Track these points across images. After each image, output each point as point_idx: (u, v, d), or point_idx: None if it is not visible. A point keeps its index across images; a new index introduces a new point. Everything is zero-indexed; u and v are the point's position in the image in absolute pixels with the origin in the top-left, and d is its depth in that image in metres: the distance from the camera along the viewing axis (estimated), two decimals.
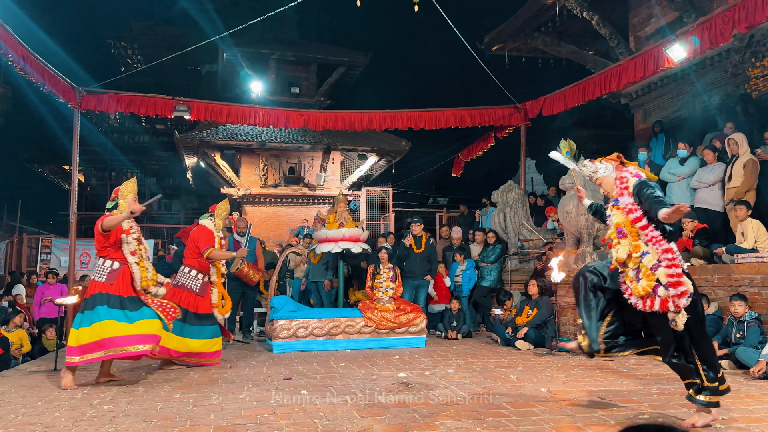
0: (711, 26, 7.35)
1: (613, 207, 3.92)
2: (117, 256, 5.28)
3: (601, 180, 4.03)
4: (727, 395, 4.46)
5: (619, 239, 3.84)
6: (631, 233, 3.77)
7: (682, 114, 11.74)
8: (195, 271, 6.40)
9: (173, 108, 10.16)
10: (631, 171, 3.91)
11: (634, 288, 3.71)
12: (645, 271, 3.66)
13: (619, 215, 3.86)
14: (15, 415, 4.12)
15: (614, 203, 3.91)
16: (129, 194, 5.38)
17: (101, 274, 5.23)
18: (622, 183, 3.88)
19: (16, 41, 7.30)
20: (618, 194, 3.89)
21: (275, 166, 20.57)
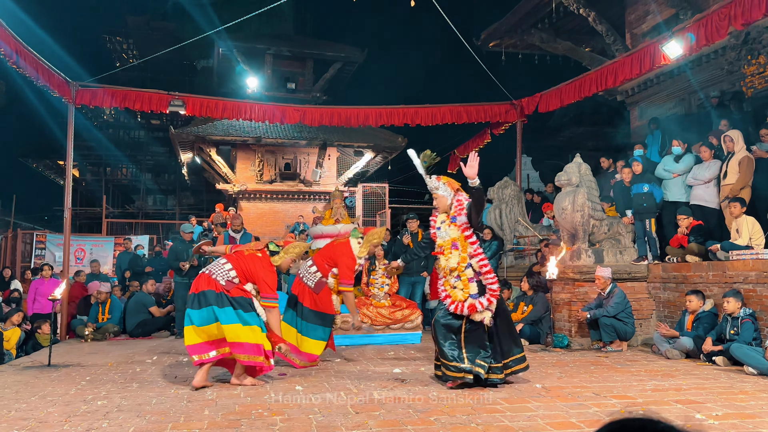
0: (707, 23, 7.35)
1: (450, 224, 4.79)
2: None
3: (438, 197, 4.89)
4: (724, 392, 4.49)
5: (452, 250, 4.76)
6: (463, 247, 4.72)
7: (678, 111, 11.75)
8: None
9: (168, 103, 10.10)
10: (465, 197, 4.83)
11: (453, 295, 4.72)
12: (464, 280, 4.70)
13: (455, 231, 4.76)
14: (8, 410, 4.10)
15: (452, 220, 4.80)
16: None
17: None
18: (459, 205, 4.79)
19: (10, 35, 7.24)
20: (456, 213, 4.78)
21: (271, 162, 20.52)
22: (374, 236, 6.31)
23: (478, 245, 4.74)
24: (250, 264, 5.03)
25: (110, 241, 17.49)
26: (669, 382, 4.91)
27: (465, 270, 4.72)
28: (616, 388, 4.71)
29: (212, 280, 4.86)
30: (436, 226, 4.91)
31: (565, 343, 7.13)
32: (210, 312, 4.73)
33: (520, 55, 15.04)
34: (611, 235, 7.94)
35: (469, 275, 4.71)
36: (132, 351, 7.32)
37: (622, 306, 6.84)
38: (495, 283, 4.71)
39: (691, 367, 5.72)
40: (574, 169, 7.79)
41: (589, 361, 6.15)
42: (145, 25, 30.15)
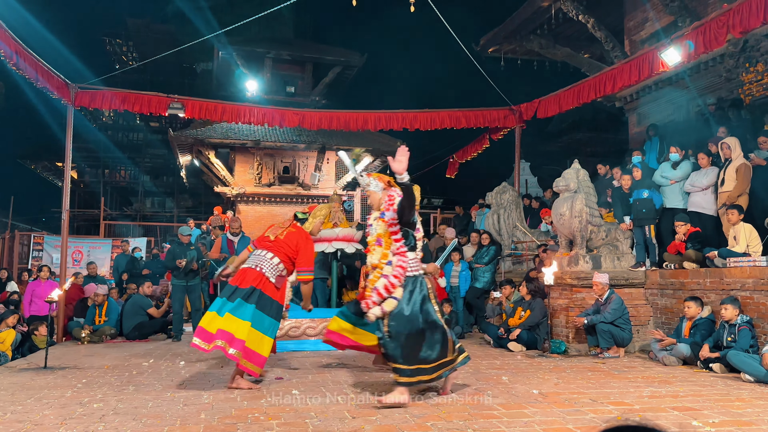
0: (705, 30, 7.38)
1: (379, 219, 4.60)
2: None
3: (371, 193, 4.74)
4: (720, 399, 4.49)
5: (375, 246, 4.59)
6: (387, 244, 4.52)
7: (676, 118, 11.79)
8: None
9: (167, 105, 10.10)
10: (397, 192, 4.57)
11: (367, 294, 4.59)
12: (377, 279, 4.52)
13: (382, 227, 4.56)
14: (3, 412, 4.09)
15: (381, 216, 4.60)
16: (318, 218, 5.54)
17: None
18: (390, 200, 4.59)
19: (10, 36, 7.25)
20: (385, 209, 4.58)
21: (270, 165, 20.51)
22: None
23: (403, 243, 4.52)
24: (291, 242, 5.11)
25: (108, 243, 17.48)
26: (666, 389, 4.91)
27: (385, 267, 4.52)
28: (613, 394, 4.71)
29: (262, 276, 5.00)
30: (369, 223, 4.78)
31: (562, 348, 7.12)
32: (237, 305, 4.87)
33: (519, 61, 15.10)
34: (609, 241, 7.94)
35: (387, 272, 4.50)
36: (128, 354, 7.30)
37: (619, 312, 6.85)
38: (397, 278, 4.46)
39: (688, 374, 5.72)
40: (572, 174, 7.80)
41: (586, 367, 6.15)
42: (145, 27, 30.19)
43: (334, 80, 22.88)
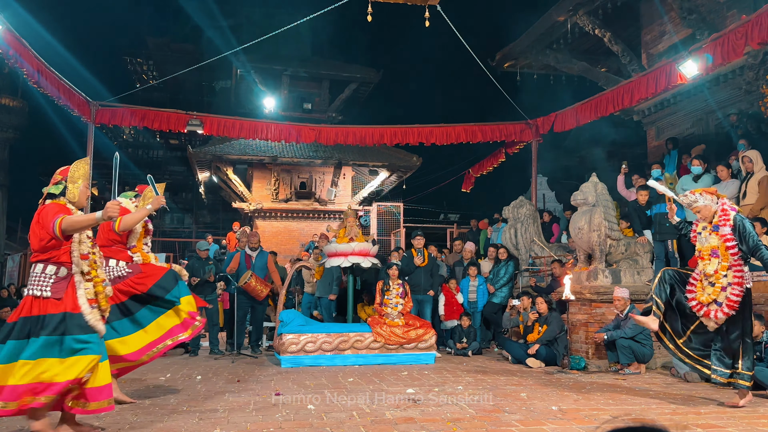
0: (724, 42, 7.32)
1: (712, 232, 4.85)
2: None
3: (701, 208, 4.92)
4: (745, 417, 4.38)
5: (711, 258, 4.82)
6: (724, 257, 4.76)
7: (695, 131, 11.66)
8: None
9: (186, 122, 10.25)
10: (728, 203, 4.88)
11: (699, 294, 4.82)
12: (717, 288, 4.74)
13: (716, 240, 4.81)
14: (20, 426, 4.10)
15: (714, 229, 4.85)
16: (80, 179, 4.10)
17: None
18: (724, 213, 4.81)
19: (33, 55, 7.42)
20: (720, 223, 4.81)
21: (287, 180, 20.66)
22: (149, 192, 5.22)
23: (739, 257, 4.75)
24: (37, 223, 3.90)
25: None
26: (689, 406, 4.79)
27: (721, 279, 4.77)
28: (635, 411, 4.60)
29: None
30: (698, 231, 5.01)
31: (582, 365, 7.01)
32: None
33: (535, 75, 15.08)
34: (629, 255, 7.83)
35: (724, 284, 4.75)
36: (145, 368, 7.30)
37: (640, 328, 6.72)
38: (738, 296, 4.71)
39: (711, 390, 5.59)
40: (590, 188, 7.73)
41: (606, 383, 6.04)
42: (165, 46, 30.72)
43: (350, 96, 23.05)
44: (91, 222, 3.86)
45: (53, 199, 3.97)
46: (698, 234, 4.97)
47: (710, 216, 4.88)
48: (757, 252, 4.62)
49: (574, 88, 14.85)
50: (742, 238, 4.68)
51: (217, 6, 27.81)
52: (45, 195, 4.01)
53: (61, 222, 3.73)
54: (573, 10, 12.47)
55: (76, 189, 4.03)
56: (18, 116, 25.90)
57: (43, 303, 3.73)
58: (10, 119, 25.54)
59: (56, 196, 3.98)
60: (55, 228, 3.73)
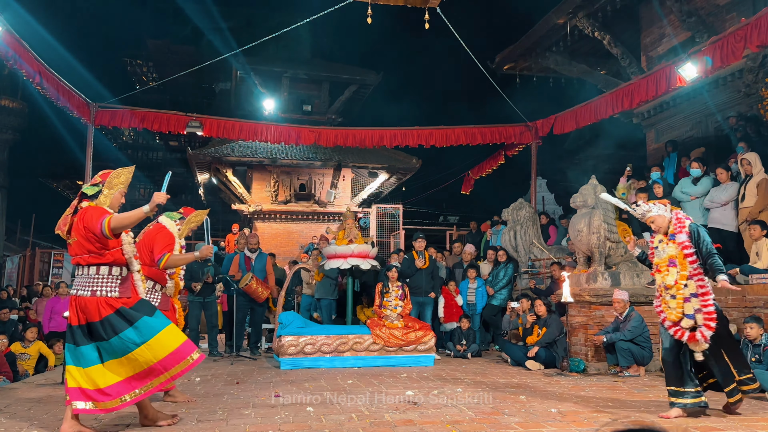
0: (723, 45, 7.33)
1: (669, 241, 4.68)
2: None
3: (655, 218, 4.76)
4: (745, 419, 4.38)
5: (669, 268, 4.65)
6: (682, 265, 4.57)
7: (694, 134, 11.68)
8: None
9: (186, 124, 10.25)
10: (681, 212, 4.76)
11: (668, 313, 4.61)
12: (679, 300, 4.56)
13: (673, 248, 4.63)
14: (20, 427, 4.10)
15: (671, 238, 4.68)
16: (118, 186, 4.15)
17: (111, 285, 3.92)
18: (679, 222, 4.67)
19: (33, 56, 7.42)
20: (676, 231, 4.66)
21: (286, 182, 20.65)
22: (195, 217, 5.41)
23: (698, 265, 4.55)
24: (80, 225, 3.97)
25: None
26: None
27: (682, 289, 4.57)
28: (634, 413, 4.60)
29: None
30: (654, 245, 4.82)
31: (581, 367, 7.01)
32: None
33: (535, 78, 15.10)
34: (628, 258, 7.83)
35: (686, 294, 4.57)
36: None
37: (639, 330, 6.73)
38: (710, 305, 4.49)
39: (711, 393, 5.57)
40: (589, 190, 7.73)
41: (605, 385, 6.04)
42: (165, 48, 30.76)
43: (350, 98, 23.06)
44: (139, 216, 3.92)
45: (86, 199, 4.03)
46: (655, 248, 4.78)
47: (665, 226, 4.72)
48: (709, 258, 4.47)
49: (573, 91, 14.88)
50: (697, 245, 4.54)
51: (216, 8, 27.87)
52: (80, 193, 4.08)
53: (110, 221, 3.79)
54: (573, 12, 12.49)
55: (110, 195, 4.07)
56: (18, 117, 25.89)
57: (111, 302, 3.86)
58: (9, 120, 25.53)
59: (90, 197, 4.03)
60: (103, 228, 3.77)
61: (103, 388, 3.81)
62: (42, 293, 11.53)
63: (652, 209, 4.76)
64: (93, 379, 3.83)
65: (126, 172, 4.16)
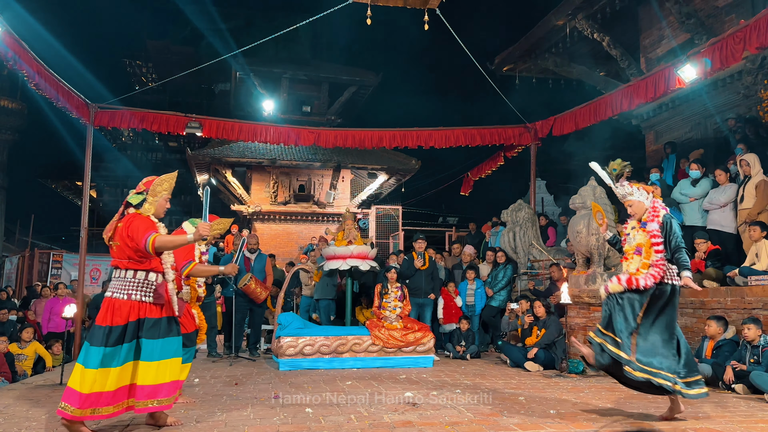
0: (722, 47, 7.33)
1: (640, 229, 4.59)
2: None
3: (634, 203, 4.66)
4: (744, 420, 4.38)
5: (634, 255, 4.56)
6: (647, 254, 4.47)
7: (693, 135, 11.69)
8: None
9: (185, 125, 10.23)
10: (659, 202, 4.63)
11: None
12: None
13: (642, 237, 4.54)
14: (18, 428, 4.10)
15: (642, 225, 4.58)
16: (162, 193, 4.17)
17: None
18: (654, 211, 4.57)
19: (32, 57, 7.41)
20: (648, 219, 4.56)
21: (285, 183, 20.66)
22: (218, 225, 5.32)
23: (663, 256, 4.42)
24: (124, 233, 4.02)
25: None
26: (687, 410, 4.78)
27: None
28: (633, 415, 4.60)
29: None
30: (626, 232, 4.74)
31: (580, 368, 7.01)
32: None
33: (534, 79, 15.11)
34: None
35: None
36: None
37: None
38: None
39: (710, 394, 5.58)
40: (588, 192, 7.74)
41: (604, 387, 6.04)
42: (165, 49, 30.76)
43: (349, 99, 23.08)
44: (183, 243, 4.05)
45: (130, 207, 4.08)
46: (627, 235, 4.71)
47: (641, 213, 4.61)
48: (677, 252, 4.34)
49: (572, 92, 14.89)
50: (667, 237, 4.42)
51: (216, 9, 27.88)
52: (125, 203, 4.13)
53: (155, 241, 3.87)
54: (572, 14, 12.50)
55: (155, 203, 4.12)
56: (17, 118, 25.89)
57: (143, 307, 3.97)
58: (9, 121, 25.53)
59: (135, 206, 4.09)
60: (147, 246, 3.86)
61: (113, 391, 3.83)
62: (41, 294, 11.51)
63: (635, 193, 4.66)
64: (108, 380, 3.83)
65: (169, 179, 4.22)
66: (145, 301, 3.97)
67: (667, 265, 4.40)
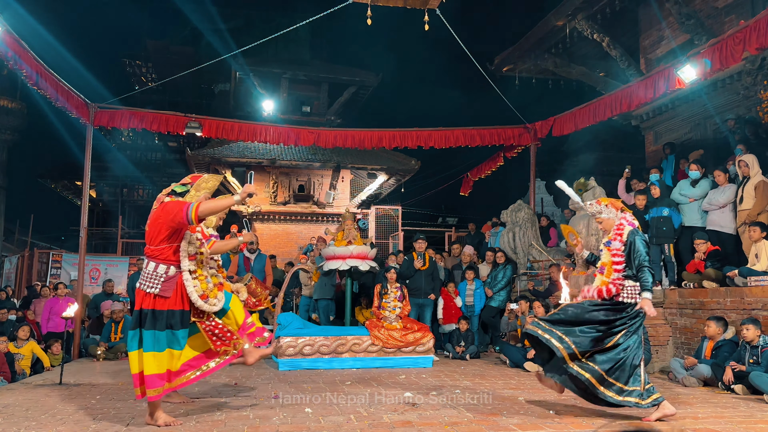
0: (722, 47, 7.33)
1: (605, 247, 4.66)
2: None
3: (603, 220, 4.72)
4: (744, 421, 4.38)
5: (597, 274, 4.68)
6: (608, 273, 4.54)
7: (693, 136, 11.69)
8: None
9: (185, 125, 10.22)
10: (627, 218, 4.62)
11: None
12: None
13: (606, 255, 4.61)
14: (18, 428, 4.10)
15: (606, 244, 4.64)
16: (204, 191, 4.36)
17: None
18: (618, 229, 4.59)
19: (32, 57, 7.41)
20: (612, 238, 4.59)
21: (285, 183, 20.66)
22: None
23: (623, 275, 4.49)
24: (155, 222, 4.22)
25: (125, 261, 17.59)
26: (686, 411, 4.79)
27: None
28: (632, 415, 4.60)
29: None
30: (600, 248, 4.81)
31: None
32: None
33: (534, 80, 15.11)
34: None
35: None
36: None
37: None
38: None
39: (709, 395, 5.59)
40: (588, 193, 7.74)
41: None
42: (165, 49, 30.73)
43: (349, 100, 23.08)
44: (229, 204, 4.15)
45: (172, 195, 4.27)
46: (600, 251, 4.77)
47: (611, 229, 4.67)
48: (639, 271, 4.37)
49: (572, 93, 14.91)
50: (630, 255, 4.44)
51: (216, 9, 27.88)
52: (170, 189, 4.33)
53: (198, 206, 3.93)
54: (572, 14, 12.51)
55: (196, 197, 4.27)
56: (17, 118, 25.88)
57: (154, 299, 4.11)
58: (8, 121, 25.52)
59: (178, 194, 4.28)
60: (190, 213, 3.91)
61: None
62: (40, 293, 11.51)
63: (603, 211, 4.71)
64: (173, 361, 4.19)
65: (214, 179, 4.43)
66: (150, 292, 4.10)
67: (625, 283, 4.44)
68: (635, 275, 4.41)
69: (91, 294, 12.20)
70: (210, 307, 4.31)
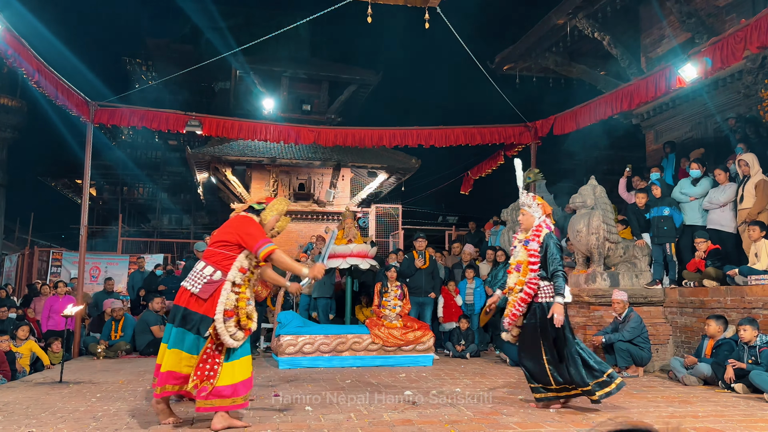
0: (723, 46, 7.32)
1: (522, 246, 4.83)
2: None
3: (527, 215, 4.86)
4: (744, 420, 4.38)
5: (514, 271, 4.87)
6: (524, 272, 4.75)
7: (694, 135, 11.68)
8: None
9: (185, 123, 10.21)
10: (547, 222, 4.81)
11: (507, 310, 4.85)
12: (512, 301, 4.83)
13: (523, 254, 4.79)
14: (18, 425, 4.10)
15: (524, 243, 4.81)
16: (276, 212, 4.52)
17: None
18: (537, 230, 4.77)
19: (32, 55, 7.40)
20: (531, 238, 4.76)
21: (285, 182, 20.64)
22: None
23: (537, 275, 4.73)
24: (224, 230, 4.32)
25: (125, 260, 17.61)
26: (686, 409, 4.79)
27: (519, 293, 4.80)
28: (632, 414, 4.60)
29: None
30: (513, 245, 5.02)
31: None
32: None
33: (535, 78, 15.09)
34: (627, 259, 7.84)
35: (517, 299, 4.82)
36: (143, 369, 7.31)
37: (638, 330, 6.73)
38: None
39: (709, 394, 5.59)
40: (588, 191, 7.74)
41: None
42: (165, 47, 30.70)
43: (349, 98, 23.04)
44: (296, 271, 4.34)
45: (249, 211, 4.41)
46: (514, 248, 4.96)
47: (529, 227, 4.84)
48: (553, 276, 4.60)
49: (573, 91, 14.87)
50: (545, 258, 4.65)
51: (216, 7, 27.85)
52: (248, 206, 4.55)
53: (272, 252, 4.09)
54: (572, 13, 12.48)
55: (269, 216, 4.46)
56: (17, 116, 25.87)
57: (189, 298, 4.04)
58: (8, 119, 25.51)
59: (255, 211, 4.41)
60: (262, 250, 4.07)
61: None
62: (41, 292, 11.51)
63: (532, 206, 4.85)
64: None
65: (285, 203, 4.64)
66: (189, 289, 4.04)
67: (540, 283, 4.68)
68: (549, 277, 4.65)
69: (91, 292, 12.20)
70: (231, 340, 3.97)
